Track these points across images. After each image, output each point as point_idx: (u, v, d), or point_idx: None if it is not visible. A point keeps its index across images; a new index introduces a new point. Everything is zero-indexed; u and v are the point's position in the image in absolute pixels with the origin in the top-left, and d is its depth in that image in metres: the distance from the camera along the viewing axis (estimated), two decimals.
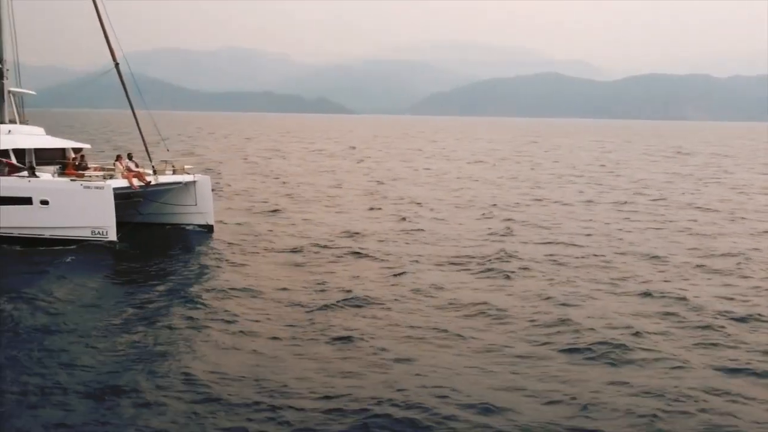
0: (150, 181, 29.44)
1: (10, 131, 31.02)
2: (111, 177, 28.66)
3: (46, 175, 28.79)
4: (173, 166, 31.75)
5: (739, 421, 13.29)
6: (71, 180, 28.03)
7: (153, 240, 30.08)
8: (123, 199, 29.27)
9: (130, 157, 30.77)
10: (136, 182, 28.86)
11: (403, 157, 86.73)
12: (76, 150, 32.57)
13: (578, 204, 42.65)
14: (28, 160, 30.10)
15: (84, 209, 27.30)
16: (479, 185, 53.00)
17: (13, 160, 28.80)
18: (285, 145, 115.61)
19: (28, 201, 27.42)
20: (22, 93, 33.77)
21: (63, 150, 32.16)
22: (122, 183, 28.55)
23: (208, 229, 31.47)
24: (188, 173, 31.66)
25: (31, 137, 31.56)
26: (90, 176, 28.74)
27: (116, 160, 30.50)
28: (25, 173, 28.28)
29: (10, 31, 32.18)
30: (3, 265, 25.13)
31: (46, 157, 31.05)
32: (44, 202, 27.33)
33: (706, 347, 17.11)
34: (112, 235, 27.12)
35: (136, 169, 29.88)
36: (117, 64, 31.54)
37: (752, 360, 16.25)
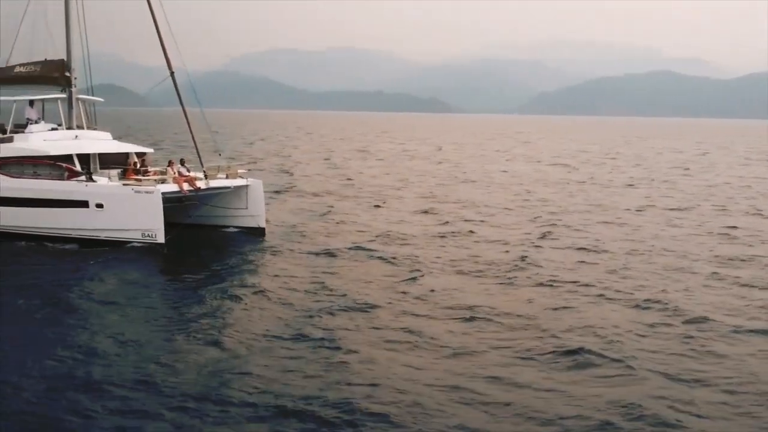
0: (199, 186, 30.67)
1: (76, 136, 32.87)
2: (163, 181, 30.19)
3: (103, 179, 30.39)
4: (227, 171, 32.85)
5: None
6: (124, 185, 29.60)
7: (202, 241, 31.29)
8: (176, 202, 30.70)
9: (182, 162, 32.00)
10: (186, 187, 30.17)
11: (486, 159, 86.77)
12: (140, 154, 33.87)
13: (632, 209, 42.32)
14: (93, 165, 31.79)
15: (135, 213, 28.72)
16: (544, 188, 52.91)
17: (77, 165, 30.49)
18: (375, 145, 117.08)
19: (85, 204, 29.02)
20: (90, 100, 35.66)
21: (126, 154, 33.44)
22: (173, 187, 29.87)
23: (259, 231, 32.37)
24: (242, 177, 32.83)
25: (96, 142, 33.23)
26: (145, 180, 30.18)
27: (168, 165, 31.85)
28: (83, 178, 29.95)
29: (81, 41, 34.10)
30: (60, 263, 26.80)
31: (109, 161, 32.54)
32: (99, 206, 28.87)
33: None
34: (161, 238, 28.44)
35: (187, 174, 31.13)
36: (172, 73, 32.95)
37: None
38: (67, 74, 33.52)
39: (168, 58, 32.70)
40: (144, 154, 34.14)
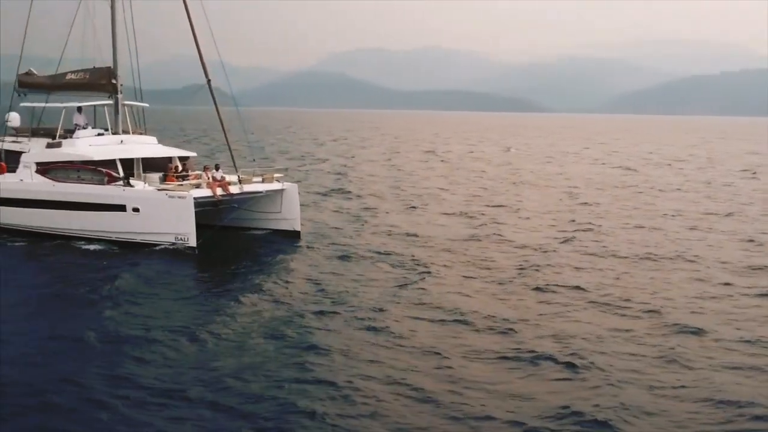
0: (232, 191, 31.60)
1: (122, 141, 34.32)
2: (198, 186, 31.40)
3: (140, 184, 31.46)
4: (263, 175, 33.80)
5: None
6: (158, 189, 30.61)
7: (237, 244, 32.20)
8: (211, 206, 31.73)
9: (217, 167, 32.98)
10: (219, 192, 31.12)
11: (550, 161, 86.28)
12: (183, 158, 35.07)
13: (669, 214, 42.07)
14: (136, 169, 33.06)
15: (168, 217, 29.73)
16: (592, 192, 52.70)
17: (119, 169, 31.64)
18: (445, 146, 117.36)
19: (122, 208, 30.19)
20: (137, 106, 37.22)
21: (169, 159, 34.61)
22: (206, 192, 30.84)
23: (294, 234, 33.11)
24: (278, 181, 33.61)
25: (140, 147, 34.47)
26: (179, 185, 31.29)
27: (204, 170, 33.01)
28: (121, 183, 31.07)
29: (129, 49, 35.63)
30: (96, 264, 27.86)
31: (153, 165, 33.75)
32: (135, 210, 29.97)
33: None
34: (193, 242, 29.41)
35: (221, 179, 31.99)
36: (209, 81, 33.70)
37: None
38: (114, 81, 34.92)
39: (204, 65, 33.59)
40: (187, 158, 35.36)
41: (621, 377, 16.76)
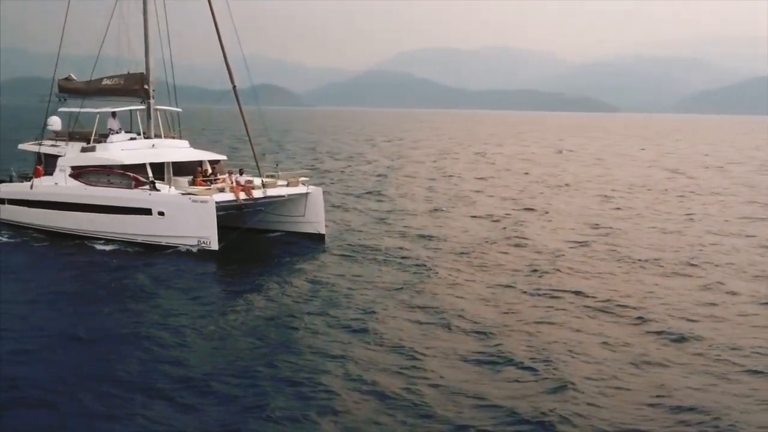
0: (255, 196, 32.18)
1: (153, 145, 35.26)
2: (222, 190, 32.10)
3: (165, 188, 32.24)
4: (288, 179, 34.27)
5: None
6: (182, 194, 31.51)
7: (259, 247, 32.93)
8: (234, 210, 32.47)
9: (241, 172, 33.38)
10: (242, 196, 31.90)
11: (600, 162, 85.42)
12: (213, 161, 35.79)
13: (701, 217, 41.92)
14: (167, 172, 33.80)
15: (191, 221, 30.54)
16: (629, 195, 52.27)
17: (149, 173, 32.55)
18: (498, 147, 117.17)
19: (148, 212, 31.21)
20: (170, 110, 38.03)
21: (200, 162, 35.38)
22: (229, 197, 31.54)
23: (319, 237, 33.71)
24: (303, 185, 34.20)
25: (171, 150, 35.28)
26: (203, 190, 31.96)
27: (228, 174, 33.45)
28: (147, 187, 32.05)
29: (163, 54, 36.68)
30: (123, 265, 28.90)
31: (184, 168, 34.56)
32: (161, 213, 30.92)
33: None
34: (215, 245, 30.16)
35: (244, 184, 32.52)
36: (234, 87, 34.39)
37: None
38: (146, 87, 36.07)
39: (231, 71, 34.41)
40: (217, 161, 36.05)
41: (597, 385, 17.11)
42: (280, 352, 18.90)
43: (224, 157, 37.05)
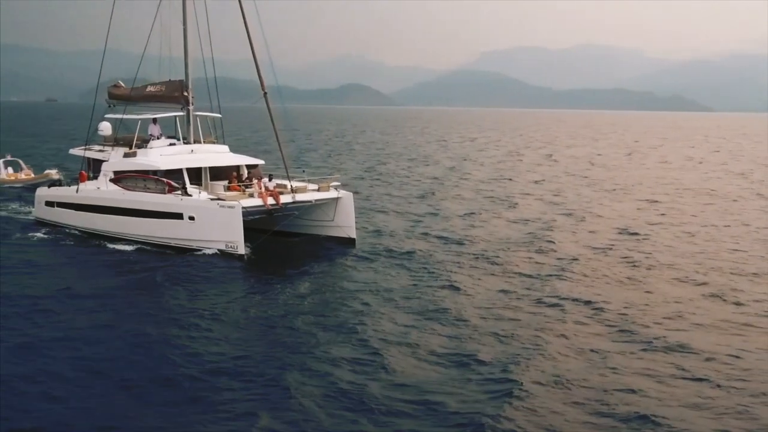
0: (283, 201, 32.82)
1: (192, 150, 36.34)
2: (251, 195, 32.84)
3: (196, 192, 33.10)
4: (319, 184, 34.98)
5: None
6: (211, 199, 32.17)
7: (288, 250, 33.53)
8: (263, 214, 33.11)
9: (270, 177, 34.30)
10: (269, 201, 32.57)
11: (665, 165, 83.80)
12: (251, 166, 36.52)
13: (743, 223, 41.30)
14: (204, 177, 35.16)
15: (219, 225, 31.37)
16: (679, 200, 51.46)
17: (186, 178, 33.69)
18: (570, 149, 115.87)
19: (180, 216, 32.29)
20: (210, 116, 38.99)
21: (237, 167, 36.33)
22: (256, 202, 32.30)
23: (349, 242, 34.26)
24: (335, 189, 34.71)
25: (209, 155, 36.34)
26: (231, 195, 32.83)
27: (256, 180, 34.28)
28: (179, 192, 33.09)
29: (204, 59, 37.20)
30: (153, 267, 29.82)
31: (222, 173, 35.61)
32: (191, 218, 31.93)
33: None
34: (241, 250, 30.87)
35: (272, 189, 33.20)
36: (265, 94, 34.59)
37: None
38: (186, 94, 37.21)
39: (261, 77, 34.65)
40: (255, 166, 36.62)
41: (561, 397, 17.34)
42: (294, 351, 19.76)
43: (261, 162, 37.54)
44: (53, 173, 51.85)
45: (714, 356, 19.75)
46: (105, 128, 39.31)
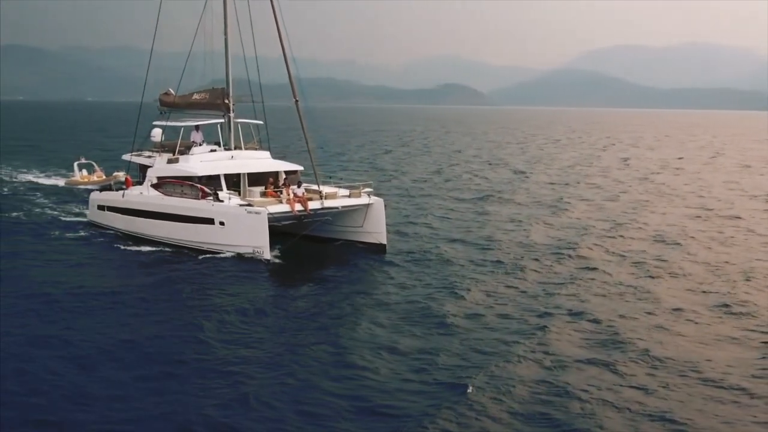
0: (312, 208, 33.56)
1: (232, 157, 37.51)
2: (281, 202, 33.68)
3: (226, 197, 34.03)
4: (351, 190, 35.66)
5: None
6: (239, 205, 33.08)
7: (314, 255, 34.16)
8: (296, 220, 34.11)
9: (299, 184, 34.72)
10: (297, 207, 33.37)
11: (743, 171, 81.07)
12: (290, 172, 37.28)
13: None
14: (242, 183, 36.20)
15: (247, 231, 32.27)
16: (735, 208, 50.08)
17: (223, 184, 35.10)
18: (651, 150, 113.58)
19: (212, 221, 33.43)
20: (251, 123, 39.97)
21: (276, 173, 36.95)
22: (283, 208, 33.22)
23: (380, 248, 34.65)
24: (367, 195, 35.11)
25: (247, 161, 37.37)
26: (259, 201, 33.72)
27: (285, 187, 34.87)
28: (211, 198, 34.08)
29: (249, 68, 38.60)
30: (183, 270, 31.14)
31: (261, 179, 36.43)
32: (222, 223, 32.96)
33: None
34: (267, 254, 31.82)
35: (301, 196, 33.82)
36: (296, 101, 35.43)
37: None
38: (226, 101, 38.43)
39: (294, 86, 35.31)
40: (294, 172, 37.38)
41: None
42: (298, 356, 20.54)
43: (300, 168, 38.06)
44: (121, 176, 53.75)
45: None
46: (156, 134, 40.88)
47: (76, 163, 59.25)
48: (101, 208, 40.01)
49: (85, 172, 58.73)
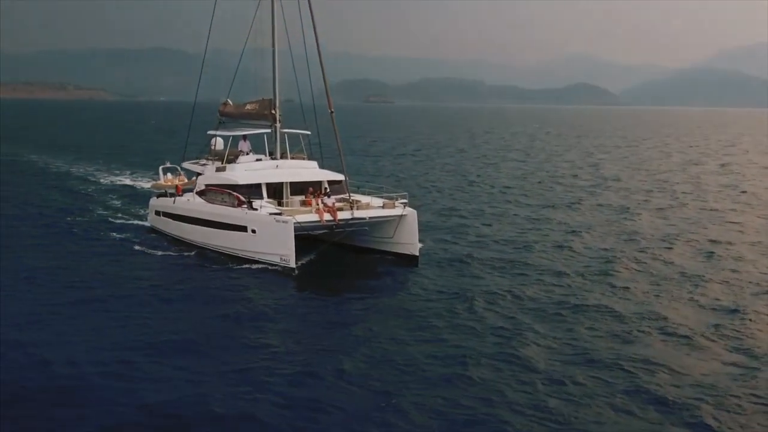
0: (339, 218, 34.10)
1: (277, 166, 38.93)
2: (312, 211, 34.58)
3: (259, 205, 34.92)
4: (384, 201, 36.19)
5: None
6: (270, 213, 33.74)
7: (342, 265, 34.96)
8: (327, 229, 34.85)
9: (328, 195, 35.38)
10: (326, 217, 33.97)
11: None
12: (334, 181, 37.55)
13: None
14: (285, 192, 37.24)
15: (275, 239, 33.04)
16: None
17: (264, 193, 36.29)
18: (729, 156, 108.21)
19: (244, 229, 34.44)
20: (298, 133, 41.29)
21: (319, 182, 37.28)
22: (312, 218, 33.82)
23: (412, 259, 34.65)
24: (401, 206, 35.36)
25: (290, 171, 38.35)
26: (288, 210, 34.75)
27: (314, 196, 35.58)
28: (246, 206, 34.95)
29: (303, 69, 39.87)
30: (208, 273, 33.17)
31: (304, 188, 36.94)
32: (253, 231, 33.89)
33: None
34: (292, 263, 32.45)
35: (331, 205, 34.42)
36: (332, 112, 36.23)
37: None
38: (273, 112, 40.03)
39: (329, 97, 36.79)
40: (339, 181, 37.68)
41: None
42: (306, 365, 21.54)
43: (343, 177, 38.11)
44: None
45: None
46: (218, 143, 42.75)
47: (161, 167, 62.31)
48: (158, 213, 42.15)
49: (169, 175, 61.57)
